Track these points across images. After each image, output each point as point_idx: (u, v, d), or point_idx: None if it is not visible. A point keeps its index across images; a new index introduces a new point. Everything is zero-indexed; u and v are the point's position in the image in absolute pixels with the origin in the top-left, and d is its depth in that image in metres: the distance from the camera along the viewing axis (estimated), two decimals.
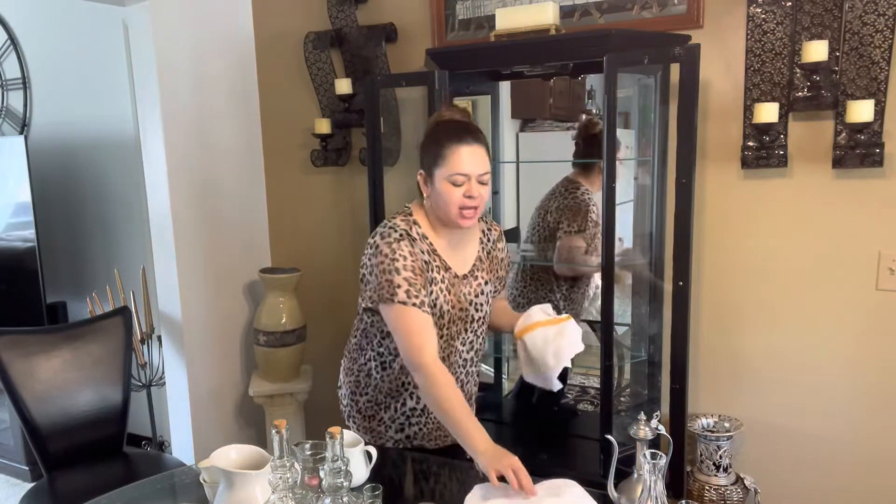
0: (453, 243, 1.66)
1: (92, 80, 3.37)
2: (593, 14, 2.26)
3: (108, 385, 2.37)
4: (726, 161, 2.15)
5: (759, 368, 2.20)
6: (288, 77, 2.86)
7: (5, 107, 3.78)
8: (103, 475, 2.19)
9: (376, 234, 1.61)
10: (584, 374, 2.51)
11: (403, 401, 1.71)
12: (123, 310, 2.51)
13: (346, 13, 2.64)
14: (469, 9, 2.44)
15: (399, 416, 1.72)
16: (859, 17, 1.92)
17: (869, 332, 2.06)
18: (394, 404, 1.71)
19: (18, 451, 3.32)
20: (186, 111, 2.65)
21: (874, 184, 1.99)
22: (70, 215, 3.61)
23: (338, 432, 1.14)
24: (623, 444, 1.49)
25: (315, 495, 1.22)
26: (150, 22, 2.49)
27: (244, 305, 2.96)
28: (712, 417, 2.20)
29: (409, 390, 1.69)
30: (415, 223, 1.62)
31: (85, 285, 3.58)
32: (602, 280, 1.97)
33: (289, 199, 3.00)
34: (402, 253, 1.55)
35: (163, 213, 2.64)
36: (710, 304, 2.24)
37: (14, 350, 2.23)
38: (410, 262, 1.55)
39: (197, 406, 2.77)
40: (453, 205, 1.55)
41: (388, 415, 1.72)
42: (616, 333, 2.15)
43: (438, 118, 1.66)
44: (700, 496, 2.09)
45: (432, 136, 1.61)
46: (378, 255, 1.57)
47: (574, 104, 2.45)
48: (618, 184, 1.90)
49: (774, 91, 2.05)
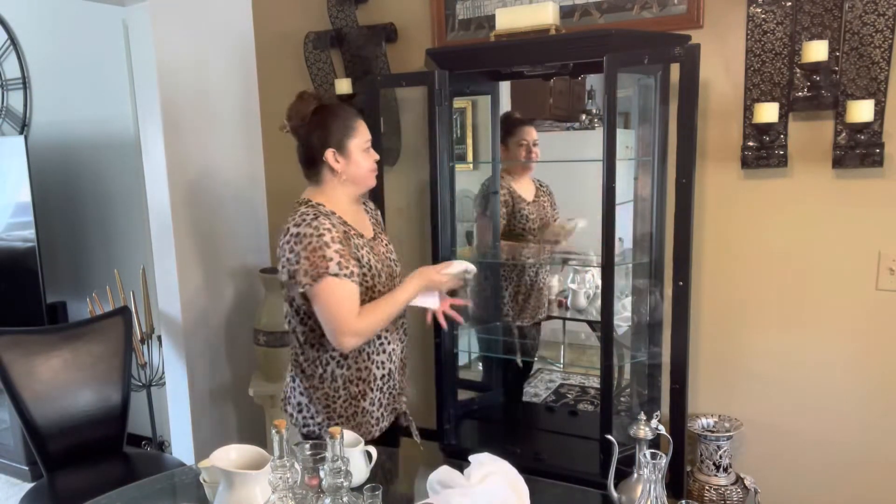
0: (352, 214, 1.76)
1: (92, 80, 3.37)
2: (593, 14, 2.26)
3: (108, 385, 2.38)
4: (726, 161, 2.15)
5: (759, 368, 2.20)
6: (288, 77, 2.86)
7: (5, 107, 3.78)
8: (103, 475, 2.20)
9: (288, 227, 1.63)
10: (584, 374, 2.52)
11: (373, 375, 1.73)
12: (123, 310, 2.51)
13: (346, 13, 2.64)
14: (469, 9, 2.44)
15: (376, 392, 1.74)
16: (859, 17, 1.92)
17: (869, 332, 2.05)
18: (368, 384, 1.73)
19: (18, 451, 3.32)
20: (186, 111, 2.65)
21: (874, 184, 1.99)
22: (70, 215, 3.61)
23: (338, 432, 1.14)
24: (623, 444, 1.49)
25: (315, 495, 1.22)
26: (150, 22, 2.49)
27: (244, 305, 2.96)
28: (712, 417, 2.20)
29: (373, 360, 1.73)
30: (318, 204, 1.69)
31: (85, 285, 3.58)
32: (602, 280, 1.97)
33: (289, 199, 2.97)
34: (326, 226, 1.61)
35: (163, 213, 2.64)
36: (710, 304, 2.24)
37: (14, 350, 2.23)
38: (336, 234, 1.61)
39: (197, 406, 2.77)
40: (369, 168, 1.73)
41: (367, 400, 1.73)
42: (616, 333, 2.15)
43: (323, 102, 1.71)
44: (700, 496, 2.09)
45: (335, 114, 1.69)
46: (302, 239, 1.59)
47: (574, 104, 2.45)
48: (617, 184, 1.90)
49: (774, 91, 2.05)
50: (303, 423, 1.76)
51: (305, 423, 1.75)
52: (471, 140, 2.55)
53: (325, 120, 1.68)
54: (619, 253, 2.14)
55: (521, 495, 1.30)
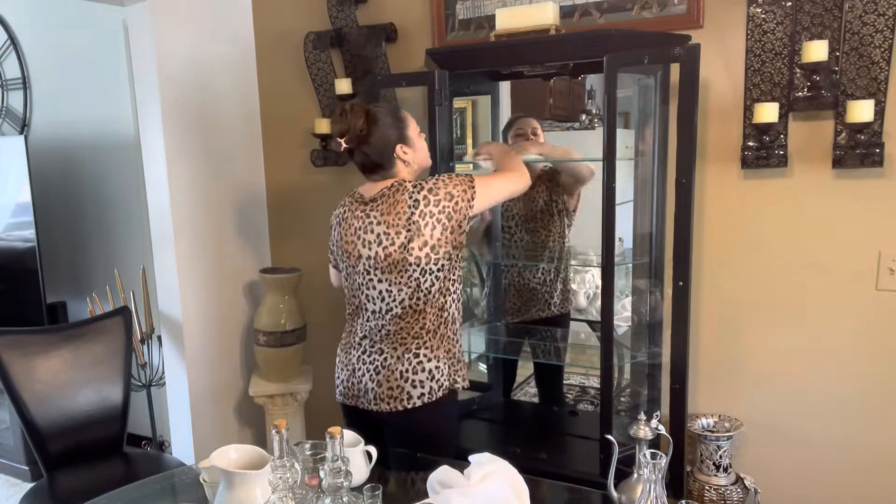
0: None
1: (92, 80, 3.37)
2: (593, 14, 2.26)
3: (108, 385, 2.37)
4: (726, 161, 2.15)
5: (759, 368, 2.20)
6: (288, 77, 2.86)
7: (5, 107, 3.78)
8: (103, 475, 2.19)
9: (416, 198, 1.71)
10: (584, 374, 2.52)
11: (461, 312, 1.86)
12: (123, 310, 2.51)
13: (346, 13, 2.64)
14: (469, 9, 2.44)
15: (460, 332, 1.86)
16: (859, 17, 1.92)
17: (869, 332, 2.06)
18: (461, 325, 1.85)
19: (18, 451, 3.32)
20: (186, 111, 2.65)
21: (874, 184, 1.99)
22: (70, 215, 3.61)
23: (338, 432, 1.14)
24: (623, 444, 1.49)
25: (315, 495, 1.22)
26: (150, 22, 2.49)
27: (244, 305, 2.96)
28: (712, 417, 2.20)
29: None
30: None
31: (85, 285, 3.59)
32: (602, 280, 1.97)
33: (289, 199, 3.00)
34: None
35: (163, 213, 2.64)
36: (710, 304, 2.24)
37: (14, 350, 2.23)
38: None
39: (197, 406, 2.78)
40: (427, 149, 1.87)
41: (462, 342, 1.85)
42: (616, 333, 2.15)
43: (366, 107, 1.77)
44: (700, 496, 2.09)
45: (386, 112, 1.78)
46: (438, 184, 1.73)
47: (574, 104, 2.45)
48: (617, 184, 1.90)
49: (774, 91, 2.05)
50: (438, 387, 1.75)
51: (440, 385, 1.76)
52: (471, 140, 2.55)
53: (382, 122, 1.75)
54: (619, 253, 2.14)
55: (521, 495, 1.31)
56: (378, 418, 1.77)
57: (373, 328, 1.79)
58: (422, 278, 1.72)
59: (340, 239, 1.82)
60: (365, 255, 1.76)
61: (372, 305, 1.78)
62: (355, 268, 1.79)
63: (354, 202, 1.81)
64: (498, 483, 1.29)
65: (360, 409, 1.80)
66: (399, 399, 1.73)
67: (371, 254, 1.75)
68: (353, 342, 1.84)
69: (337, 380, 1.87)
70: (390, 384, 1.74)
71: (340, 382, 1.85)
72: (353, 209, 1.80)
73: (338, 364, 1.88)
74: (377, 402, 1.76)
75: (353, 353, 1.82)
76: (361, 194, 1.81)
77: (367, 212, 1.76)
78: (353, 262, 1.79)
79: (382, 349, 1.77)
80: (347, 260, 1.81)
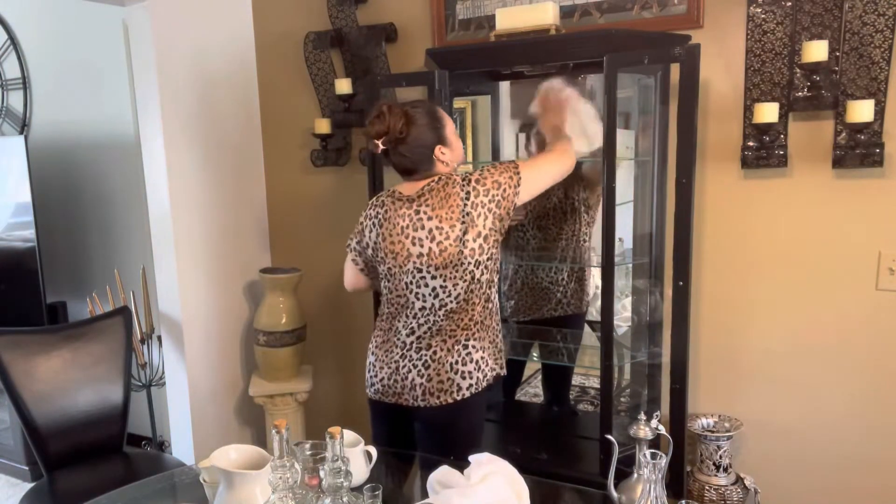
0: None
1: (92, 80, 3.37)
2: (593, 14, 2.26)
3: (108, 385, 2.37)
4: (726, 161, 2.15)
5: (759, 368, 2.20)
6: (288, 77, 2.86)
7: (5, 107, 3.78)
8: (103, 475, 2.19)
9: (468, 190, 1.71)
10: (584, 375, 2.51)
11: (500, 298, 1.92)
12: (123, 310, 2.51)
13: (346, 13, 2.64)
14: (469, 9, 2.44)
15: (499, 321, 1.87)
16: (859, 17, 1.92)
17: (869, 333, 2.06)
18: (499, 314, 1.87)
19: (18, 451, 3.32)
20: (186, 111, 2.65)
21: (874, 184, 1.99)
22: (70, 215, 3.61)
23: (338, 432, 1.14)
24: (623, 444, 1.49)
25: (315, 495, 1.22)
26: (150, 22, 2.49)
27: (244, 305, 2.96)
28: (712, 417, 2.20)
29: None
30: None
31: (85, 285, 3.58)
32: (602, 280, 1.97)
33: (289, 199, 3.00)
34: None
35: (163, 213, 2.64)
36: (710, 304, 2.24)
37: (14, 350, 2.23)
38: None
39: (197, 406, 2.78)
40: (462, 147, 1.86)
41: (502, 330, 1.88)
42: (616, 333, 2.15)
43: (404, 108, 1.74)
44: (700, 496, 2.09)
45: (424, 114, 1.75)
46: (484, 174, 1.74)
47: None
48: (617, 184, 1.90)
49: (774, 91, 2.05)
50: (483, 377, 1.77)
51: (485, 375, 1.77)
52: (471, 140, 2.55)
53: (420, 124, 1.73)
54: (619, 253, 2.14)
55: (520, 495, 1.31)
56: (418, 414, 1.76)
57: (422, 325, 1.76)
58: (476, 270, 1.72)
59: (383, 240, 1.77)
60: (416, 253, 1.72)
61: (421, 303, 1.75)
62: (403, 267, 1.75)
63: (396, 201, 1.77)
64: (498, 483, 1.29)
65: (403, 405, 1.77)
66: (449, 392, 1.72)
67: (423, 251, 1.71)
68: (396, 340, 1.79)
69: (373, 378, 1.82)
70: (440, 377, 1.72)
71: (379, 381, 1.80)
72: (397, 208, 1.75)
73: (374, 363, 1.82)
74: (425, 398, 1.73)
75: (396, 351, 1.78)
76: (402, 193, 1.77)
77: (416, 208, 1.73)
78: (400, 262, 1.75)
79: (431, 344, 1.74)
80: (394, 260, 1.76)
